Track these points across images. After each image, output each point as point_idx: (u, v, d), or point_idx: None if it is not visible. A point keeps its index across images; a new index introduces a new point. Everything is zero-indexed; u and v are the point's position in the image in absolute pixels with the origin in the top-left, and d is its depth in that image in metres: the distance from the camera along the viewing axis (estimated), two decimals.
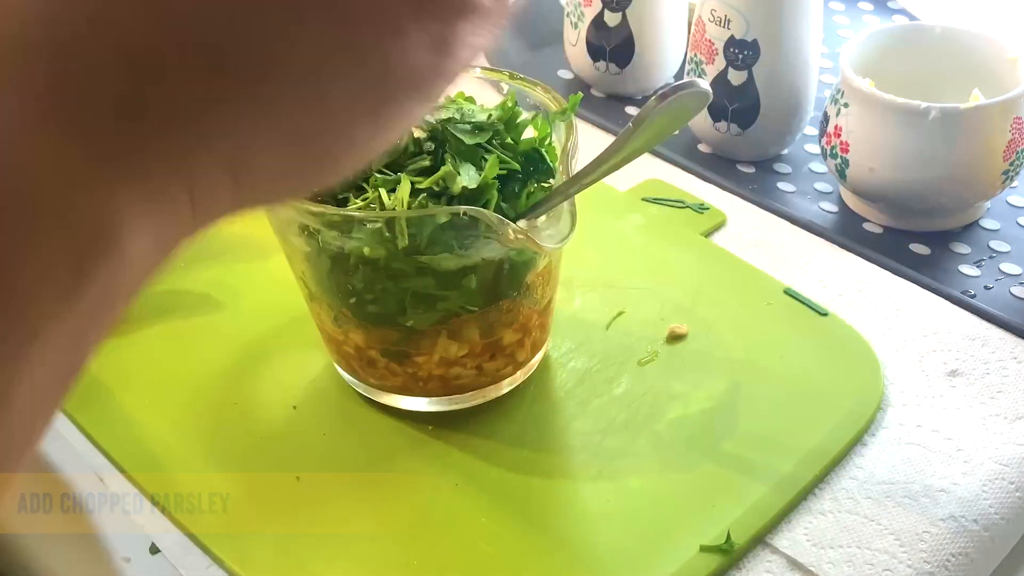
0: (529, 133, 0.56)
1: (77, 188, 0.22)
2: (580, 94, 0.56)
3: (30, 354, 0.22)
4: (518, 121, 0.55)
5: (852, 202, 0.74)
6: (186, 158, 0.24)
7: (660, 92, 0.47)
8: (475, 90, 0.58)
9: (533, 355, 0.59)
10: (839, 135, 0.70)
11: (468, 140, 0.52)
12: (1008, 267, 0.69)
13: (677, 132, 0.52)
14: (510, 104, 0.55)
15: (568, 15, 0.85)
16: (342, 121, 0.26)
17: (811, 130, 0.80)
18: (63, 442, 0.59)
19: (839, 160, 0.71)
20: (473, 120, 0.53)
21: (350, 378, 0.60)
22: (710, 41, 0.74)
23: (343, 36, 0.24)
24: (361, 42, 0.25)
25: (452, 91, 0.38)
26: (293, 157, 0.26)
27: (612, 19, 0.82)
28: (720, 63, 0.74)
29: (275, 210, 0.52)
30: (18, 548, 0.54)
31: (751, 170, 0.78)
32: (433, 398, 0.58)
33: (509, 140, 0.54)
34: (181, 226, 0.25)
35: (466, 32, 0.27)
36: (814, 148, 0.80)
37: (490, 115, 0.54)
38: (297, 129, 0.25)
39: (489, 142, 0.53)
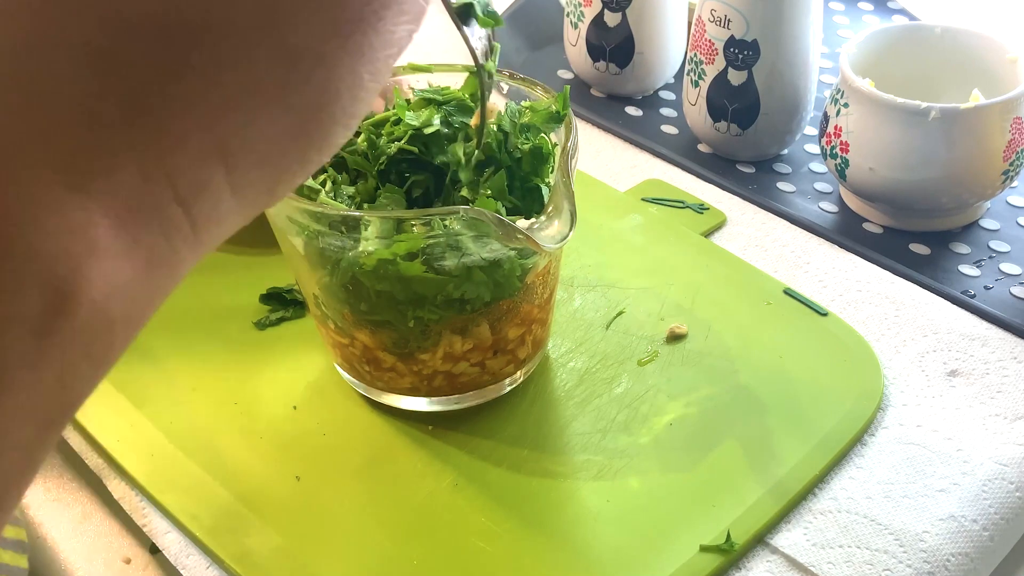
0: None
1: (44, 224, 0.20)
2: (567, 87, 0.56)
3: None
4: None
5: (852, 202, 0.74)
6: (163, 155, 0.22)
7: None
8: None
9: (535, 353, 0.59)
10: (839, 135, 0.70)
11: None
12: (1008, 267, 0.69)
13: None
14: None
15: (568, 15, 0.85)
16: (316, 62, 0.24)
17: (811, 130, 0.80)
18: (63, 442, 0.59)
19: (839, 160, 0.71)
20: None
21: (350, 378, 0.60)
22: (710, 41, 0.74)
23: None
24: None
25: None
26: (282, 121, 0.24)
27: (612, 19, 0.82)
28: (720, 63, 0.74)
29: (277, 210, 0.52)
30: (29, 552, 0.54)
31: (751, 170, 0.78)
32: (433, 398, 0.58)
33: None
34: (180, 240, 0.23)
35: None
36: (814, 148, 0.80)
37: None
38: (273, 86, 0.23)
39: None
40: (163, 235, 0.22)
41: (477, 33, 0.46)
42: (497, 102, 0.56)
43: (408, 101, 0.56)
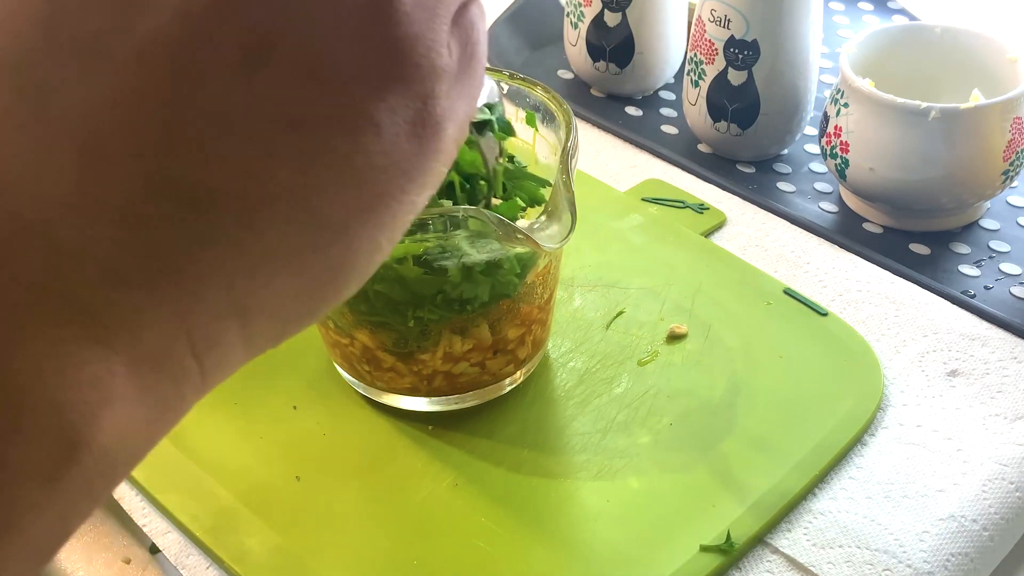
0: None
1: (64, 375, 0.21)
2: (533, 114, 0.57)
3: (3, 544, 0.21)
4: None
5: (852, 202, 0.74)
6: (184, 314, 0.23)
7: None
8: None
9: (535, 353, 0.59)
10: (839, 135, 0.70)
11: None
12: (1008, 267, 0.69)
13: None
14: None
15: (568, 15, 0.85)
16: (339, 231, 0.25)
17: (811, 130, 0.80)
18: None
19: (839, 160, 0.71)
20: None
21: (350, 378, 0.60)
22: (710, 41, 0.74)
23: (315, 144, 0.24)
24: (335, 144, 0.24)
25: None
26: (298, 283, 0.25)
27: (612, 19, 0.82)
28: (720, 63, 0.74)
29: None
30: None
31: (751, 170, 0.78)
32: (433, 398, 0.58)
33: None
34: (189, 387, 0.24)
35: (440, 107, 0.26)
36: (814, 148, 0.80)
37: None
38: (296, 252, 0.24)
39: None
40: (174, 384, 0.23)
41: (490, 143, 0.51)
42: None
43: None
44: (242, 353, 0.25)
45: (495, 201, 0.53)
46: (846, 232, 0.72)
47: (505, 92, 0.58)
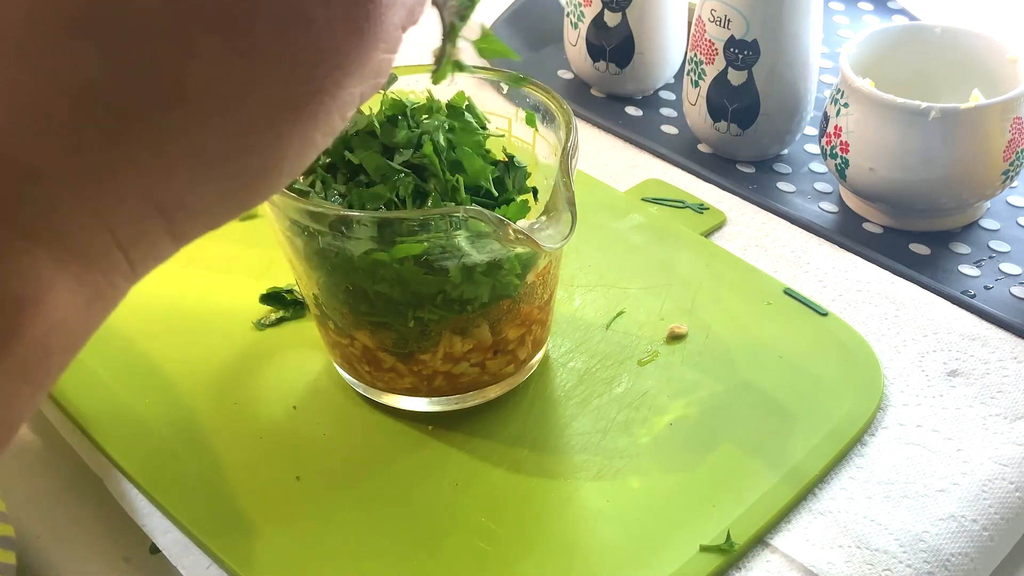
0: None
1: None
2: (533, 113, 0.57)
3: None
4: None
5: (852, 202, 0.74)
6: (102, 213, 0.23)
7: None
8: (474, 91, 0.58)
9: (535, 353, 0.59)
10: (839, 135, 0.70)
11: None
12: (1008, 267, 0.69)
13: None
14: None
15: (568, 15, 0.85)
16: (266, 131, 0.24)
17: (811, 130, 0.80)
18: (62, 441, 0.59)
19: (839, 160, 0.71)
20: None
21: (350, 378, 0.60)
22: (710, 41, 0.74)
23: (237, 44, 0.23)
24: (259, 43, 0.23)
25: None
26: (223, 183, 0.24)
27: (612, 19, 0.82)
28: (720, 63, 0.74)
29: (275, 211, 0.52)
30: (18, 548, 0.54)
31: (751, 170, 0.78)
32: (433, 398, 0.58)
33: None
34: (119, 276, 0.24)
35: None
36: (814, 148, 0.80)
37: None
38: (218, 153, 0.24)
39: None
40: (103, 274, 0.24)
41: (450, 3, 0.46)
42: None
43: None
44: (171, 245, 0.25)
45: (453, 53, 0.51)
46: (846, 232, 0.72)
47: (505, 92, 0.58)
